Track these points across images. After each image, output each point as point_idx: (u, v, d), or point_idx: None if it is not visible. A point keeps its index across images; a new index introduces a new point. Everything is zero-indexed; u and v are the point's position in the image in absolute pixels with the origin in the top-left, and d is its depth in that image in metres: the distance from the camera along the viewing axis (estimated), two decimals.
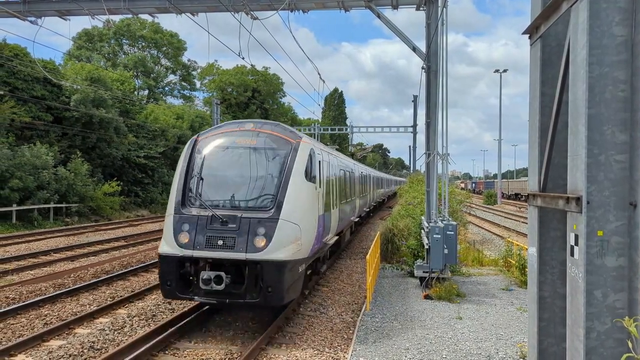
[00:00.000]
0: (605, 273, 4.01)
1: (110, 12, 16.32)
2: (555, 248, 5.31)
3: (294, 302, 11.55)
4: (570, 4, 4.34)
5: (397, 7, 15.24)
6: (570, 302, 4.34)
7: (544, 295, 5.34)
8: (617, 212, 4.00)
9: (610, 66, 4.01)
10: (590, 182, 4.02)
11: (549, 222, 5.34)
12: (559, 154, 5.13)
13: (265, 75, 70.26)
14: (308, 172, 10.59)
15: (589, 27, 4.00)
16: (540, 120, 5.38)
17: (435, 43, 14.66)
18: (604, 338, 4.00)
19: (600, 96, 4.01)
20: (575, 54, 4.25)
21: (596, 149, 4.02)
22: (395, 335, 9.77)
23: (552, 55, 5.32)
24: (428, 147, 15.29)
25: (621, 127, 4.01)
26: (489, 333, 10.01)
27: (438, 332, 10.01)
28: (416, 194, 28.93)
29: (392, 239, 18.69)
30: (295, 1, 15.18)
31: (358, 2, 15.25)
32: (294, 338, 9.82)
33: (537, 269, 5.37)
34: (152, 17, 18.13)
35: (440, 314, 11.39)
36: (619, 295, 4.00)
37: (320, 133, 51.66)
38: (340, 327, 10.67)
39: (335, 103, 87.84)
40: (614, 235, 4.00)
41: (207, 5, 15.97)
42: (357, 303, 12.78)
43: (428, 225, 14.28)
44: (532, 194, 5.47)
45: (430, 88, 15.02)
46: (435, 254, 13.39)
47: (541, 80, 5.38)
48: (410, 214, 21.02)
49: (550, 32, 5.27)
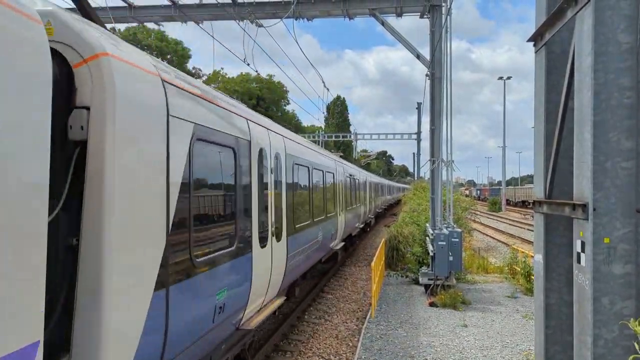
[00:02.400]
0: (612, 280, 3.99)
1: (116, 20, 16.47)
2: (562, 255, 5.29)
3: (299, 310, 11.48)
4: (575, 11, 4.35)
5: (401, 14, 15.33)
6: (577, 309, 4.32)
7: (550, 303, 5.32)
8: (623, 219, 3.98)
9: (615, 73, 4.01)
10: (597, 189, 4.01)
11: (555, 229, 5.32)
12: (564, 161, 5.12)
13: (270, 83, 70.53)
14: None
15: (594, 34, 4.01)
16: (546, 127, 5.37)
17: (439, 50, 14.70)
18: (611, 346, 3.97)
19: (606, 103, 4.01)
20: (581, 61, 4.25)
21: (602, 155, 4.02)
22: (401, 343, 9.73)
23: (556, 62, 5.33)
24: (432, 154, 15.29)
25: (627, 133, 4.00)
26: (495, 341, 9.95)
27: (443, 340, 9.96)
28: (420, 201, 28.88)
29: (397, 246, 18.64)
30: (299, 9, 15.29)
31: (362, 10, 15.35)
32: (299, 346, 9.79)
33: (544, 276, 5.35)
34: (157, 25, 18.26)
35: (446, 321, 11.34)
36: (626, 302, 3.98)
37: (325, 140, 51.73)
38: (345, 334, 10.63)
39: (338, 110, 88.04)
40: (621, 242, 3.98)
41: (212, 13, 16.10)
42: (362, 310, 12.74)
43: (433, 232, 14.25)
44: (538, 201, 5.46)
45: (434, 95, 15.04)
46: (440, 261, 13.36)
47: (546, 87, 5.38)
48: (415, 221, 20.97)
49: (555, 39, 5.28)
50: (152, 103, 4.13)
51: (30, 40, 2.74)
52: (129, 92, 3.75)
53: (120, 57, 3.76)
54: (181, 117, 4.60)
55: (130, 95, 3.77)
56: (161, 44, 62.50)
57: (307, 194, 10.68)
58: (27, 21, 2.72)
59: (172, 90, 4.52)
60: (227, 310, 5.67)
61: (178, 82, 4.73)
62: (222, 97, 6.42)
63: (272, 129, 8.18)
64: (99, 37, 3.65)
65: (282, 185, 8.43)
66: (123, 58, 3.79)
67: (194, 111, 4.90)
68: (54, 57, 3.22)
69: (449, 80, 14.53)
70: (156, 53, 62.93)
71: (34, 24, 2.77)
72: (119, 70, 3.65)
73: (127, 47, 4.07)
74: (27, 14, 2.73)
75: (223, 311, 5.52)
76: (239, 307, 6.15)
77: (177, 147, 4.49)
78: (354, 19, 15.91)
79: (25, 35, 2.70)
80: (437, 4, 14.75)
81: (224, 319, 5.61)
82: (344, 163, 19.24)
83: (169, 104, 4.38)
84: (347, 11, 15.34)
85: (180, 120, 4.58)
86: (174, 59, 65.09)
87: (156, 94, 4.22)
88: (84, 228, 3.44)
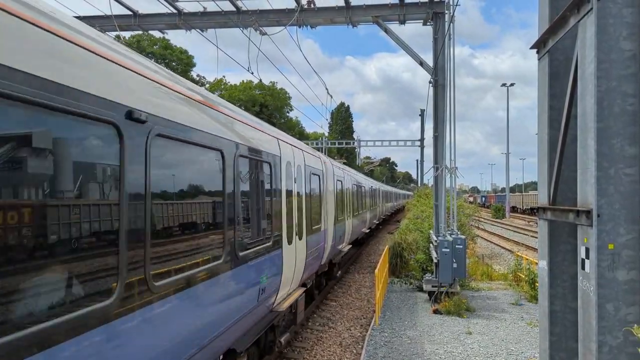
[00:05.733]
0: (616, 286, 3.99)
1: (120, 28, 16.59)
2: (566, 261, 5.28)
3: (303, 317, 11.48)
4: (578, 19, 4.39)
5: (404, 22, 15.39)
6: (582, 315, 4.32)
7: (555, 309, 5.31)
8: (627, 225, 3.99)
9: (618, 80, 4.03)
10: (600, 195, 4.02)
11: (559, 235, 5.32)
12: (568, 167, 5.13)
13: (273, 89, 70.77)
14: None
15: (597, 41, 4.04)
16: (549, 133, 5.39)
17: (442, 57, 14.75)
18: (616, 352, 3.97)
19: (609, 110, 4.03)
20: (584, 69, 4.28)
21: (605, 162, 4.03)
22: (405, 351, 9.70)
23: (560, 69, 5.35)
24: (436, 160, 15.31)
25: (630, 140, 4.02)
26: (500, 348, 9.91)
27: (448, 347, 9.93)
28: (424, 208, 28.84)
29: (401, 253, 18.61)
30: (303, 17, 15.38)
31: (366, 17, 15.43)
32: (303, 353, 9.78)
33: (548, 282, 5.35)
34: (162, 33, 18.39)
35: (450, 328, 11.31)
36: (630, 309, 3.98)
37: (328, 147, 51.79)
38: (349, 341, 10.61)
39: (342, 117, 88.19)
40: (625, 248, 3.99)
41: (216, 21, 16.20)
42: (366, 317, 12.71)
43: (437, 239, 14.24)
44: (542, 207, 5.46)
45: (437, 102, 15.08)
46: (444, 268, 13.33)
47: (549, 94, 5.40)
48: (419, 227, 20.95)
49: (558, 47, 5.31)
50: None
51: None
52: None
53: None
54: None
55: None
56: (165, 52, 62.86)
57: (320, 199, 12.07)
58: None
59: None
60: (266, 292, 7.11)
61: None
62: (264, 123, 8.29)
63: (295, 145, 9.62)
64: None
65: (302, 192, 9.82)
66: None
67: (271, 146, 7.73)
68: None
69: (452, 87, 14.58)
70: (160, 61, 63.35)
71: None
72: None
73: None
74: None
75: (264, 293, 6.98)
76: (273, 291, 7.56)
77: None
78: (357, 27, 16.00)
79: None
80: (440, 12, 14.82)
81: (263, 299, 7.07)
82: (351, 172, 20.60)
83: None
84: (351, 19, 15.42)
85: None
86: (179, 67, 65.45)
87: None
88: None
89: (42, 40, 2.98)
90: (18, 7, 2.84)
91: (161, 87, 4.46)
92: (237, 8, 15.46)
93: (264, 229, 7.15)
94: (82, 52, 3.36)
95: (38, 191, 3.02)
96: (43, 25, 3.00)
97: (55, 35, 3.10)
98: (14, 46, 2.75)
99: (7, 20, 2.73)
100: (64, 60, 3.16)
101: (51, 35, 3.06)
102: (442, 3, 14.76)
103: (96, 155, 3.57)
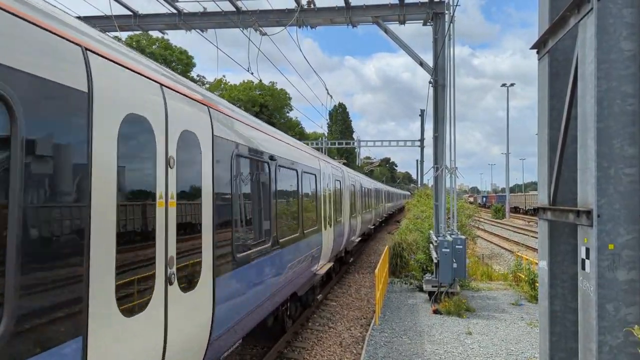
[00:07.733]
0: (616, 287, 3.99)
1: (120, 28, 16.59)
2: (566, 262, 5.29)
3: (303, 317, 11.51)
4: (578, 19, 4.39)
5: (404, 22, 15.39)
6: (582, 316, 4.32)
7: (555, 310, 5.31)
8: (627, 226, 3.99)
9: (618, 80, 4.03)
10: (601, 196, 4.02)
11: (560, 235, 5.32)
12: (568, 168, 5.14)
13: (273, 90, 70.75)
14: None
15: (597, 41, 4.04)
16: (549, 134, 5.39)
17: (442, 57, 14.75)
18: (616, 352, 3.97)
19: (609, 110, 4.03)
20: (584, 69, 4.28)
21: (605, 162, 4.03)
22: (405, 351, 9.71)
23: (560, 69, 5.35)
24: (436, 161, 15.31)
25: (630, 140, 4.02)
26: (500, 348, 9.92)
27: (448, 347, 9.93)
28: (424, 208, 28.84)
29: (401, 253, 18.62)
30: (303, 17, 15.38)
31: (366, 18, 15.43)
32: (303, 353, 9.78)
33: (548, 282, 5.35)
34: (162, 33, 18.39)
35: (450, 328, 11.31)
36: (630, 309, 3.98)
37: (328, 147, 51.77)
38: (350, 342, 10.62)
39: (340, 117, 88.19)
40: (625, 248, 3.99)
41: (216, 21, 16.20)
42: (366, 318, 12.72)
43: (437, 239, 14.24)
44: (542, 208, 5.47)
45: (437, 102, 15.08)
46: (444, 268, 13.33)
47: (549, 94, 5.40)
48: (419, 227, 20.96)
49: (558, 47, 5.31)
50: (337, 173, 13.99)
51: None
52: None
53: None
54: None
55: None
56: (165, 52, 62.84)
57: (339, 199, 15.80)
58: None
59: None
60: (314, 261, 11.05)
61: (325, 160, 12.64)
62: (311, 148, 12.89)
63: (326, 160, 14.23)
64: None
65: (330, 193, 13.64)
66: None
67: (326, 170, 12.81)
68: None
69: (452, 87, 14.58)
70: (161, 61, 63.26)
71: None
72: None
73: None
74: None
75: (313, 259, 10.96)
76: (316, 259, 11.37)
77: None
78: (357, 27, 16.00)
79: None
80: (440, 12, 14.82)
81: (312, 265, 10.97)
82: (360, 176, 24.43)
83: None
84: (351, 19, 15.42)
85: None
86: (179, 67, 65.42)
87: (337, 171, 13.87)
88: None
89: (313, 161, 11.28)
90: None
91: (281, 142, 8.68)
92: (237, 8, 15.46)
93: (315, 218, 11.28)
94: (318, 161, 12.03)
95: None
96: (319, 157, 11.55)
97: (314, 156, 11.61)
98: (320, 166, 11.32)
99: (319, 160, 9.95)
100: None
101: (318, 159, 11.63)
102: (442, 3, 14.77)
103: (264, 176, 7.39)
